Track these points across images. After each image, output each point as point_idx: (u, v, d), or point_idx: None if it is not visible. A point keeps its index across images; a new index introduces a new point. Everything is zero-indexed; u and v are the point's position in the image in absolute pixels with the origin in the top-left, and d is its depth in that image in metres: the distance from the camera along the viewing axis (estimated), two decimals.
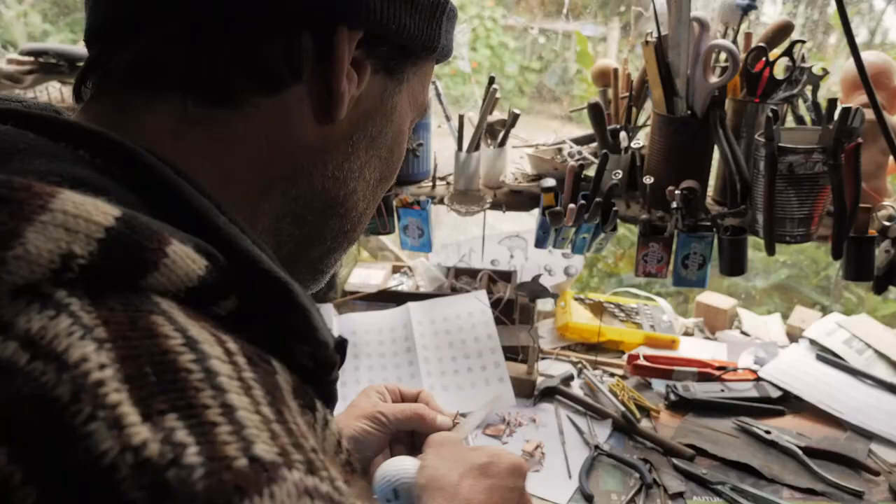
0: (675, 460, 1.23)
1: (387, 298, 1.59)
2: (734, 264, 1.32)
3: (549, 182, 1.30)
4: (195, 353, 0.30)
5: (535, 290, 1.37)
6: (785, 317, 1.68)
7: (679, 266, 1.36)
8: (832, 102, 1.23)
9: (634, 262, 1.40)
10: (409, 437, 0.91)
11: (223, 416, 0.28)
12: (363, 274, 1.67)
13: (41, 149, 0.36)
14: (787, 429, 1.33)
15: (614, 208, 1.30)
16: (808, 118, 1.31)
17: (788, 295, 2.03)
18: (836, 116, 1.17)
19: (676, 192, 1.27)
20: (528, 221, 1.54)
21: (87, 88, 0.47)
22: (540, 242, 1.41)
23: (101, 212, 0.31)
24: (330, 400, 0.42)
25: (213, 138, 0.44)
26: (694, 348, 1.56)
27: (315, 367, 0.39)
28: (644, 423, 1.33)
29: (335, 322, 1.48)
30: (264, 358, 0.35)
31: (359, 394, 0.93)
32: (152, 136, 0.42)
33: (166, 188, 0.38)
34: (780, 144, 1.19)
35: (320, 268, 0.56)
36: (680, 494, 1.17)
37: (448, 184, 1.43)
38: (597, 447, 1.26)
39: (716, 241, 1.33)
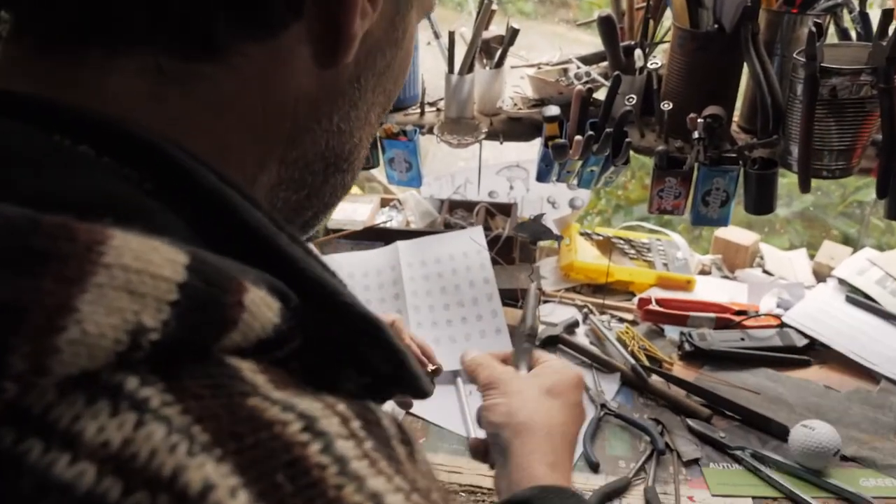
0: (689, 421, 1.11)
1: (374, 236, 1.45)
2: (761, 202, 1.17)
3: (553, 110, 1.14)
4: (318, 437, 0.26)
5: (537, 230, 1.22)
6: (812, 253, 1.53)
7: (699, 203, 1.21)
8: (887, 14, 1.04)
9: (648, 197, 1.25)
10: None
11: None
12: (348, 209, 1.52)
13: (37, 148, 0.29)
14: (813, 381, 1.21)
15: (627, 139, 1.14)
16: (853, 32, 1.12)
17: (812, 224, 1.88)
18: (890, 31, 0.99)
19: (699, 119, 1.10)
20: (528, 150, 1.38)
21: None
22: (542, 176, 1.26)
23: (167, 260, 0.25)
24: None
25: (201, 102, 0.35)
26: (711, 289, 1.42)
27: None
28: (654, 378, 1.20)
29: None
30: (369, 410, 0.31)
31: None
32: (127, 105, 0.33)
33: (209, 197, 0.31)
34: (822, 64, 1.02)
35: (313, 223, 0.48)
36: (695, 461, 1.06)
37: (438, 110, 1.27)
38: (603, 406, 1.14)
39: (741, 175, 1.17)
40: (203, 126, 0.35)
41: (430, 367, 0.93)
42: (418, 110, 1.25)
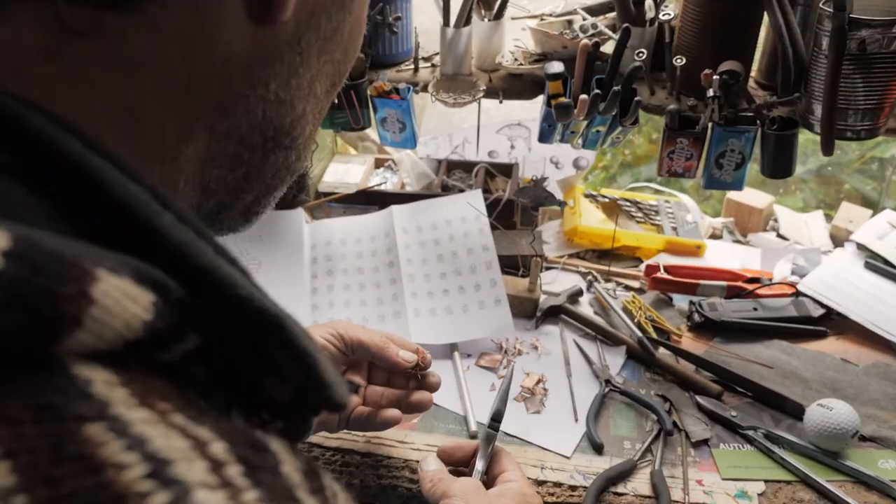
0: (699, 398, 1.05)
1: (367, 200, 1.38)
2: (780, 164, 1.09)
3: (556, 67, 1.05)
4: (167, 487, 0.20)
5: (539, 195, 1.15)
6: (828, 214, 1.45)
7: (712, 165, 1.13)
8: None
9: (658, 158, 1.17)
10: (367, 366, 0.91)
11: None
12: (340, 170, 1.45)
13: None
14: (829, 354, 1.15)
15: (636, 98, 1.05)
16: None
17: (827, 182, 1.79)
18: None
19: (714, 76, 1.02)
20: (531, 107, 1.30)
21: None
22: (544, 137, 1.18)
23: None
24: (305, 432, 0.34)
25: (107, 60, 0.30)
26: (722, 255, 1.35)
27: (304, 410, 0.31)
28: (662, 351, 1.14)
29: (306, 230, 1.27)
30: (265, 451, 0.25)
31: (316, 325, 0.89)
32: (12, 60, 0.28)
33: (70, 170, 0.26)
34: (851, 15, 0.93)
35: (255, 210, 0.44)
36: (705, 442, 1.00)
37: (433, 66, 1.18)
38: (608, 381, 1.08)
39: (758, 136, 1.09)
40: (106, 88, 0.31)
41: (423, 362, 0.88)
42: (412, 66, 1.17)
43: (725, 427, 1.02)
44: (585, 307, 1.25)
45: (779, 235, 1.41)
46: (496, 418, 0.83)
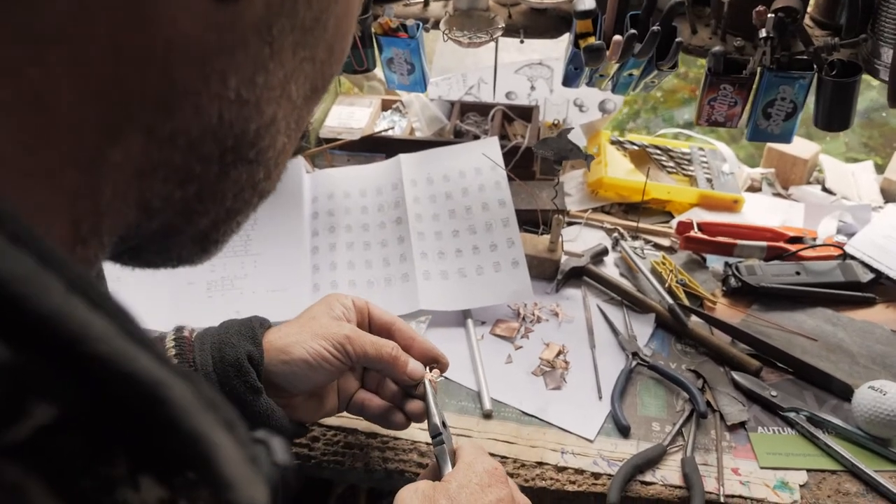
0: (735, 374, 0.96)
1: (373, 147, 1.26)
2: (836, 115, 0.97)
3: (586, 3, 0.92)
4: None
5: (563, 148, 1.03)
6: (878, 162, 1.33)
7: (759, 115, 1.00)
8: None
9: (697, 105, 1.05)
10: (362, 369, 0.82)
11: None
12: (344, 113, 1.33)
13: None
14: (878, 324, 1.04)
15: (677, 39, 0.93)
16: None
17: (871, 125, 1.66)
18: None
19: (768, 14, 0.89)
20: (554, 47, 1.17)
21: None
22: (569, 80, 1.05)
23: None
24: None
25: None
26: (761, 211, 1.23)
27: None
28: (694, 320, 1.04)
29: (307, 181, 1.17)
30: None
31: (319, 301, 0.80)
32: None
33: None
34: None
35: (213, 237, 0.35)
36: (741, 425, 0.91)
37: (445, 0, 1.05)
38: (635, 354, 0.99)
39: (814, 82, 0.96)
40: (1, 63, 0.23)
41: (433, 375, 0.78)
42: (421, 0, 1.03)
43: (764, 408, 0.93)
44: (611, 268, 1.15)
45: (824, 189, 1.29)
46: (434, 433, 0.74)
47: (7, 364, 0.18)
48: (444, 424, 0.75)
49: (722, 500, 0.83)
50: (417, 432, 0.89)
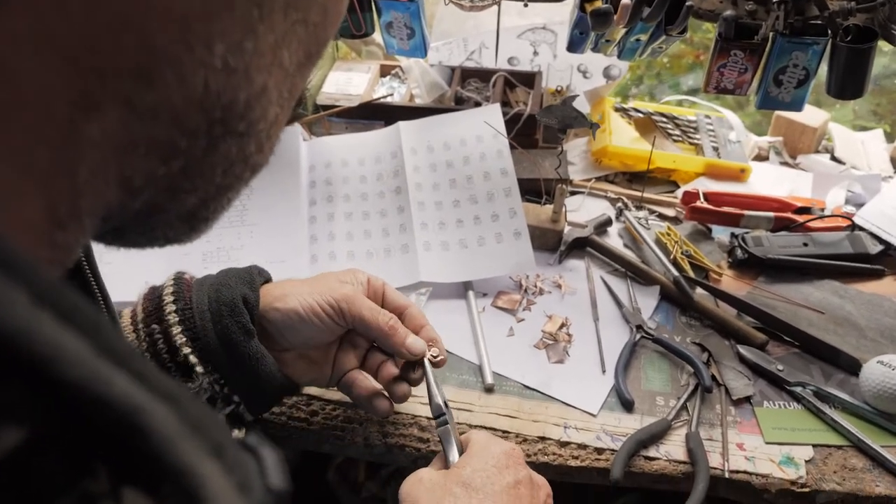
0: (741, 348, 0.95)
1: (372, 114, 1.23)
2: (850, 83, 0.94)
3: None
4: None
5: (567, 116, 1.00)
6: (888, 130, 1.30)
7: (769, 82, 0.97)
8: None
9: (706, 72, 1.01)
10: (365, 344, 0.79)
11: None
12: (342, 79, 1.29)
13: None
14: (887, 297, 1.03)
15: (687, 3, 0.89)
16: None
17: (884, 92, 1.62)
18: None
19: None
20: (559, 10, 1.13)
21: None
22: (574, 45, 1.02)
23: None
24: None
25: None
26: (768, 180, 1.21)
27: None
28: (700, 292, 1.03)
29: (304, 149, 1.14)
30: None
31: (342, 270, 0.79)
32: None
33: None
34: None
35: (202, 215, 0.33)
36: (746, 399, 0.90)
37: None
38: (639, 327, 0.97)
39: (828, 49, 0.93)
40: None
41: (432, 356, 0.76)
42: None
43: (770, 382, 0.92)
44: (614, 239, 1.13)
45: (833, 158, 1.27)
46: (438, 413, 0.73)
47: None
48: (445, 404, 0.73)
49: (727, 475, 0.82)
50: (419, 407, 0.88)
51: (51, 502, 0.18)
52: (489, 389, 0.91)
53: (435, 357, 0.77)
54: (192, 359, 0.67)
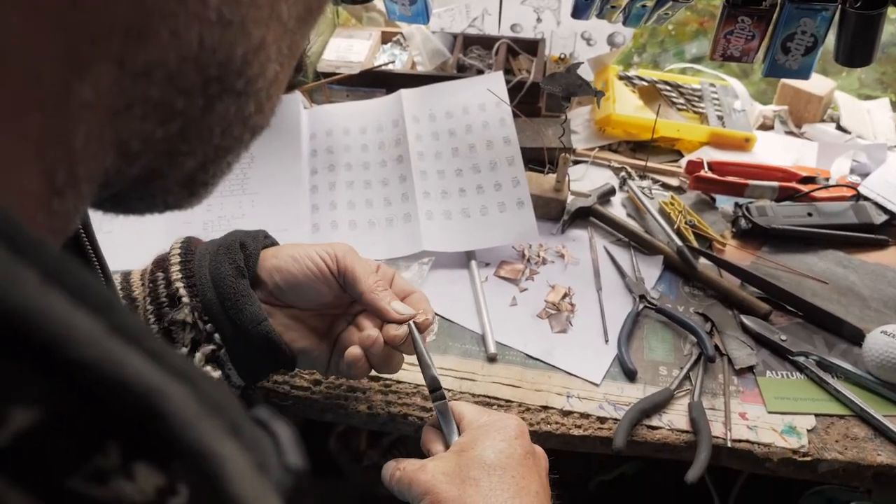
0: (744, 318, 0.94)
1: (373, 82, 1.22)
2: (858, 50, 0.92)
3: None
4: None
5: (571, 84, 0.99)
6: (894, 103, 1.29)
7: (777, 49, 0.96)
8: None
9: (713, 39, 1.00)
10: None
11: None
12: (343, 46, 1.28)
13: None
14: (890, 266, 1.02)
15: None
16: None
17: (890, 60, 1.60)
18: None
19: None
20: None
21: None
22: (579, 11, 1.00)
23: None
24: None
25: None
26: (773, 149, 1.20)
27: None
28: (703, 262, 1.02)
29: (304, 117, 1.13)
30: None
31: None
32: None
33: None
34: None
35: (202, 179, 0.32)
36: (749, 369, 0.90)
37: None
38: (642, 297, 0.97)
39: (837, 15, 0.92)
40: None
41: (422, 318, 0.74)
42: None
43: (773, 352, 0.92)
44: (618, 209, 1.12)
45: (838, 127, 1.25)
46: (435, 386, 0.71)
47: None
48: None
49: (729, 444, 0.82)
50: (420, 376, 0.87)
51: (63, 480, 0.18)
52: (492, 359, 0.90)
53: (421, 320, 0.74)
54: (182, 290, 0.69)
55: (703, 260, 1.02)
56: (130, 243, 0.76)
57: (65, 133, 0.23)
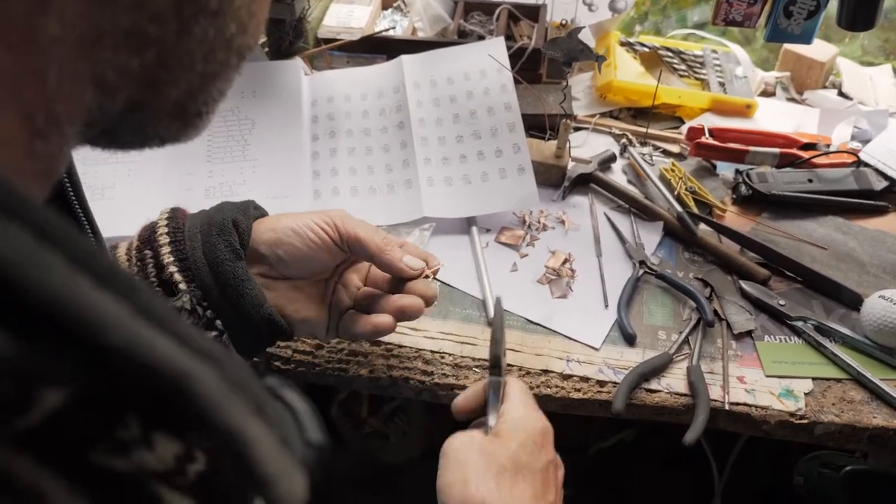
0: (743, 283, 0.95)
1: (374, 48, 1.21)
2: (861, 13, 0.91)
3: None
4: None
5: (573, 49, 0.98)
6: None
7: (779, 13, 0.95)
8: None
9: (714, 3, 0.99)
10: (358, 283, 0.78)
11: None
12: (343, 12, 1.27)
13: None
14: (890, 234, 1.03)
15: None
16: None
17: (893, 27, 1.59)
18: None
19: None
20: None
21: None
22: None
23: None
24: None
25: None
26: (775, 116, 1.20)
27: None
28: (703, 228, 1.02)
29: (305, 83, 1.12)
30: None
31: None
32: None
33: None
34: None
35: (194, 109, 0.30)
36: (748, 334, 0.91)
37: None
38: (642, 263, 0.97)
39: None
40: None
41: (430, 271, 0.74)
42: None
43: (772, 317, 0.92)
44: (618, 175, 1.12)
45: (840, 93, 1.25)
46: (495, 364, 0.69)
47: (10, 356, 0.16)
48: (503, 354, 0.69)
49: (727, 407, 0.83)
50: (421, 340, 0.89)
51: (87, 455, 0.18)
52: (492, 324, 0.91)
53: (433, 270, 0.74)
54: (177, 276, 0.65)
55: (703, 226, 1.02)
56: (130, 209, 0.76)
57: (37, 70, 0.23)
